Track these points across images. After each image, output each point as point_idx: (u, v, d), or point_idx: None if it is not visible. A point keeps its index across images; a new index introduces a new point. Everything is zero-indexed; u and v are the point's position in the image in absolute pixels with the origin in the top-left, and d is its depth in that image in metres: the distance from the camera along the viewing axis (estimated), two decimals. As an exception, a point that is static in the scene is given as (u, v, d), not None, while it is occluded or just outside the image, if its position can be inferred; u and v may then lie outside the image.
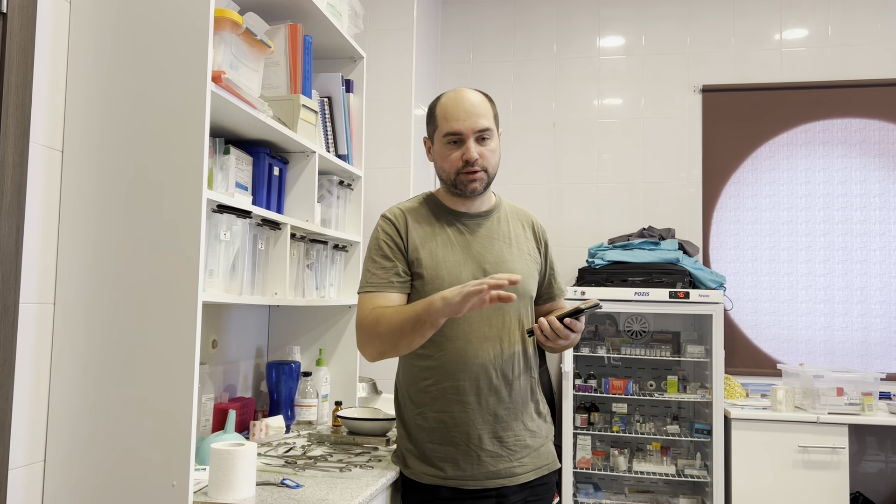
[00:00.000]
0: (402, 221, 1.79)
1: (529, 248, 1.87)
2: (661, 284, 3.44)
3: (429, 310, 1.57)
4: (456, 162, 1.74)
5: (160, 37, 1.51)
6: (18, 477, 1.43)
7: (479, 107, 1.74)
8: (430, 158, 1.84)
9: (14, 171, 1.39)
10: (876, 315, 3.67)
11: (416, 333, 1.61)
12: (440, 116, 1.76)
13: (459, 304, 1.53)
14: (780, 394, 3.29)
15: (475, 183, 1.75)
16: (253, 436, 2.07)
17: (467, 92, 1.76)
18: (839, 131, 3.76)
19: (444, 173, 1.78)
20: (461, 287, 1.55)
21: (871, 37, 3.78)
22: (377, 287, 1.73)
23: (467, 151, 1.72)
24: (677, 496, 3.53)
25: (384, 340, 1.65)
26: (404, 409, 1.81)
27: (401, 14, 3.44)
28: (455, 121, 1.72)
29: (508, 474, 1.73)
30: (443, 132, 1.75)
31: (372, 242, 1.80)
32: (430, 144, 1.83)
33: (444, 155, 1.76)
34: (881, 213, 3.70)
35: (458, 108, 1.73)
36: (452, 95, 1.77)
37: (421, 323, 1.59)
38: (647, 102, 3.97)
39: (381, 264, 1.75)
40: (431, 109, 1.80)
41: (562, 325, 1.63)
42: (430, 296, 1.61)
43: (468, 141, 1.73)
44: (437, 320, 1.58)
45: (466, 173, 1.74)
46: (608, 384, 3.55)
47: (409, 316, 1.61)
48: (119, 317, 1.48)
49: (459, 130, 1.72)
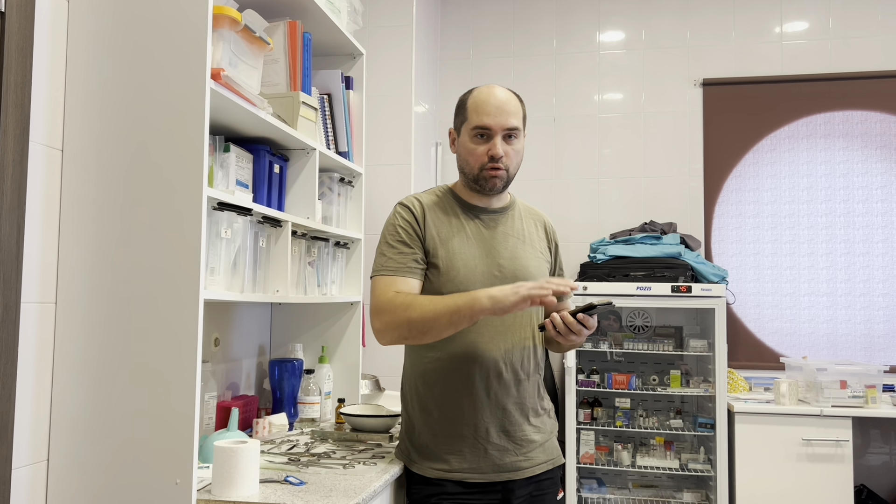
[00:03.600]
0: (420, 210, 1.79)
1: (542, 247, 1.88)
2: (664, 279, 3.43)
3: (472, 305, 1.57)
4: (482, 157, 1.74)
5: (159, 34, 1.50)
6: (22, 476, 1.43)
7: (510, 104, 1.74)
8: (453, 150, 1.84)
9: (14, 170, 1.38)
10: (879, 307, 3.66)
11: (451, 326, 1.60)
12: (471, 109, 1.75)
13: (514, 304, 1.54)
14: (783, 387, 3.29)
15: (496, 180, 1.75)
16: (256, 433, 2.07)
17: (499, 89, 1.76)
18: (840, 124, 3.75)
19: (468, 167, 1.77)
20: (514, 287, 1.55)
21: (872, 29, 3.76)
22: (395, 271, 1.72)
23: (493, 147, 1.72)
24: (681, 490, 3.53)
25: (413, 326, 1.63)
26: (411, 401, 1.81)
27: (400, 10, 3.43)
28: (486, 115, 1.72)
29: (514, 468, 1.73)
30: (472, 125, 1.74)
31: (388, 228, 1.79)
32: (456, 136, 1.82)
33: (469, 148, 1.76)
34: (883, 206, 3.69)
35: (490, 104, 1.72)
36: (485, 90, 1.76)
37: (460, 316, 1.58)
38: (647, 97, 3.96)
39: (399, 249, 1.74)
40: (462, 102, 1.79)
41: (574, 321, 1.62)
42: (468, 291, 1.61)
43: (496, 137, 1.72)
44: (478, 317, 1.59)
45: (490, 169, 1.73)
46: (611, 379, 3.54)
47: (448, 307, 1.59)
48: (121, 315, 1.48)
49: (489, 125, 1.72)
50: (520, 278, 1.76)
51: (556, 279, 1.57)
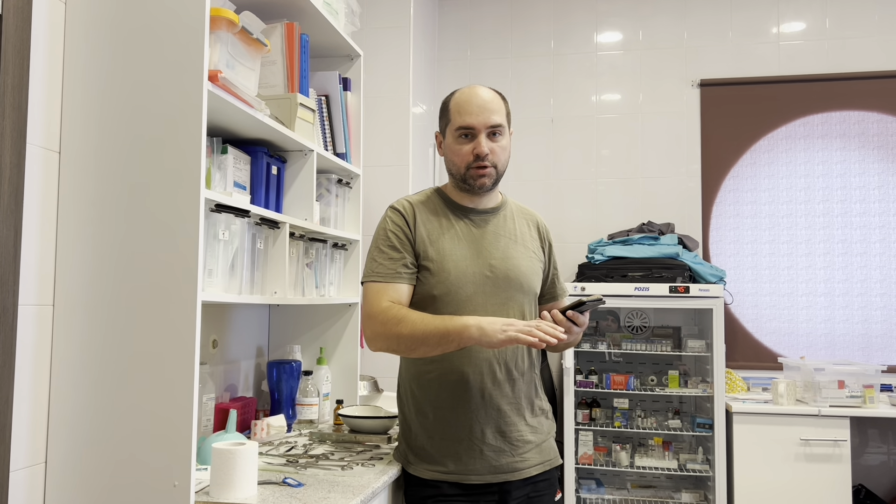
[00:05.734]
0: (411, 213, 1.79)
1: (534, 246, 1.88)
2: (661, 279, 3.44)
3: (461, 333, 1.58)
4: (467, 156, 1.75)
5: (156, 36, 1.50)
6: (20, 479, 1.42)
7: (493, 103, 1.75)
8: (440, 153, 1.85)
9: (11, 173, 1.38)
10: (876, 307, 3.66)
11: (439, 348, 1.62)
12: (453, 111, 1.77)
13: (501, 342, 1.55)
14: (781, 387, 3.29)
15: (484, 178, 1.76)
16: (254, 435, 2.07)
17: (481, 88, 1.77)
18: (837, 124, 3.76)
19: (455, 167, 1.78)
20: (504, 325, 1.55)
21: (869, 29, 3.77)
22: (385, 277, 1.73)
23: (478, 146, 1.73)
24: (680, 491, 3.54)
25: (402, 342, 1.64)
26: (407, 403, 1.81)
27: (398, 11, 3.43)
28: (468, 115, 1.73)
29: (511, 469, 1.73)
30: (455, 126, 1.76)
31: (380, 232, 1.80)
32: (442, 139, 1.83)
33: (455, 149, 1.77)
34: (880, 206, 3.70)
35: (472, 103, 1.74)
36: (466, 91, 1.78)
37: (448, 341, 1.60)
38: (645, 97, 3.96)
39: (388, 255, 1.75)
40: (445, 104, 1.81)
41: (564, 318, 1.62)
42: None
43: (480, 135, 1.73)
44: (466, 344, 1.60)
45: (477, 168, 1.74)
46: (609, 380, 3.55)
47: (438, 329, 1.60)
48: (118, 317, 1.48)
49: (472, 125, 1.73)
50: (511, 278, 1.76)
51: (545, 325, 1.56)
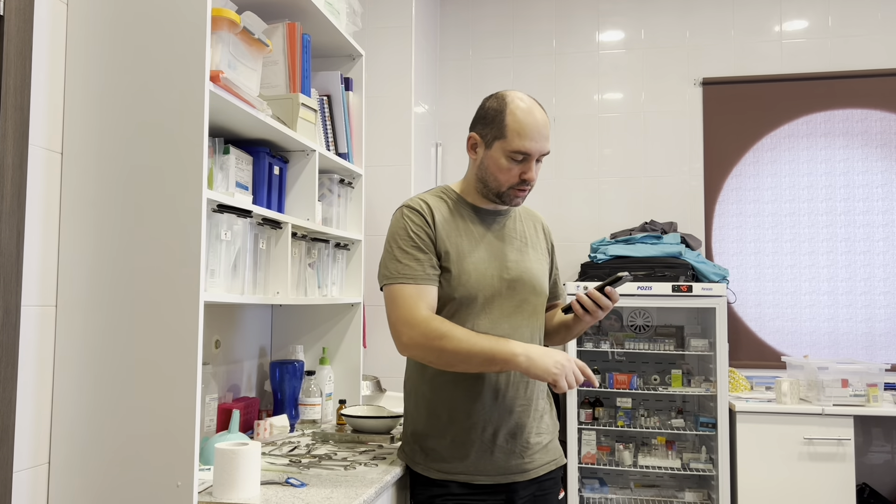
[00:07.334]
0: (430, 213, 1.75)
1: (542, 248, 1.89)
2: (664, 278, 3.43)
3: (508, 361, 1.59)
4: (514, 178, 1.72)
5: (157, 37, 1.50)
6: (23, 479, 1.43)
7: (547, 128, 1.71)
8: (472, 156, 1.78)
9: (14, 174, 1.38)
10: (880, 306, 3.66)
11: (481, 368, 1.62)
12: (512, 129, 1.69)
13: (542, 377, 1.59)
14: (784, 386, 3.28)
15: (520, 198, 1.76)
16: (257, 435, 2.07)
17: (538, 110, 1.71)
18: (840, 122, 3.75)
19: (496, 182, 1.74)
20: (553, 365, 1.58)
21: (872, 27, 3.76)
22: (416, 280, 1.68)
23: (528, 172, 1.71)
24: (683, 490, 3.53)
25: (443, 356, 1.62)
26: (416, 405, 1.80)
27: (399, 11, 3.43)
28: (529, 140, 1.68)
29: (519, 470, 1.73)
30: (512, 147, 1.69)
31: (400, 232, 1.73)
32: (482, 146, 1.75)
33: (502, 166, 1.71)
34: (884, 204, 3.69)
35: (533, 128, 1.68)
36: (525, 109, 1.69)
37: (492, 364, 1.60)
38: (647, 96, 3.96)
39: (414, 255, 1.69)
40: (498, 114, 1.70)
41: (601, 295, 1.67)
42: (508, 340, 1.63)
43: (531, 161, 1.71)
44: (510, 370, 1.62)
45: (519, 189, 1.74)
46: (612, 379, 3.54)
47: (484, 351, 1.59)
48: (121, 318, 1.48)
49: (531, 151, 1.69)
50: (526, 280, 1.76)
51: (589, 372, 1.63)
